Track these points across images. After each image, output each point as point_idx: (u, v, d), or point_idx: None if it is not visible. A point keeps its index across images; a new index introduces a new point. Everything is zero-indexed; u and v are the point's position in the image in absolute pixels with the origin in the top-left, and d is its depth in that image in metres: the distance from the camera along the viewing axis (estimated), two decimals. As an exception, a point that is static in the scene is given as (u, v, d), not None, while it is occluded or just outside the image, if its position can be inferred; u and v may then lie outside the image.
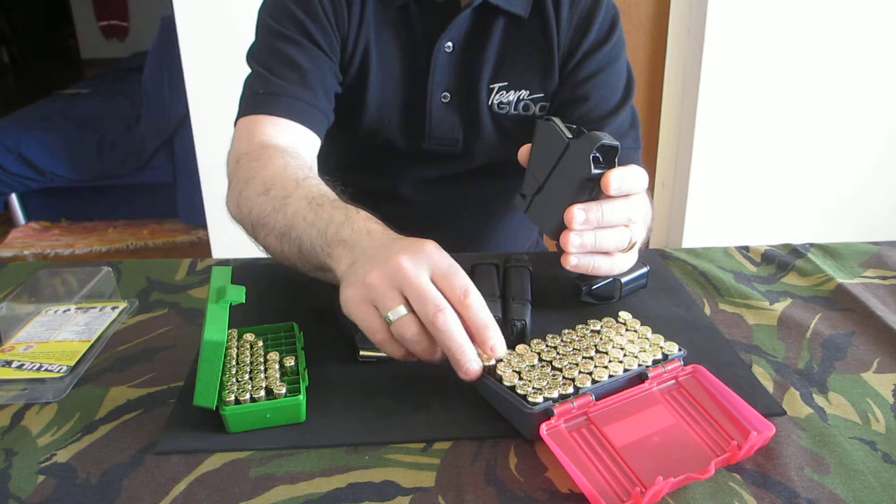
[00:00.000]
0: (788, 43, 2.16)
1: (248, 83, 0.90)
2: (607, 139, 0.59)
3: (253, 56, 0.93)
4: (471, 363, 0.57)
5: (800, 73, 2.20)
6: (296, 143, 0.85)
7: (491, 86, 0.95)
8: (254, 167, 0.77)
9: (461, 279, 0.56)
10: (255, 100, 0.87)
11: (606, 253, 0.64)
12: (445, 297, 0.56)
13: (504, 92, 0.95)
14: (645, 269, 0.80)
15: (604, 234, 0.61)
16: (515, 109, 0.96)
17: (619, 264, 0.65)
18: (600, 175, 0.59)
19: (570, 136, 0.60)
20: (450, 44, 0.94)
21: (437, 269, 0.57)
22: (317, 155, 1.08)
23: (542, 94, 0.96)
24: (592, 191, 0.59)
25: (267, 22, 0.93)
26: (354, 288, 0.58)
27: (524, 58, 0.95)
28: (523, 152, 0.66)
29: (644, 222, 0.67)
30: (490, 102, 0.96)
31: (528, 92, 0.96)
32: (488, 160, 1.00)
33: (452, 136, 0.98)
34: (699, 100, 2.22)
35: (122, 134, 2.93)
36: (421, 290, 0.55)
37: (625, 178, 0.59)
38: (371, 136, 0.99)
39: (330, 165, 1.12)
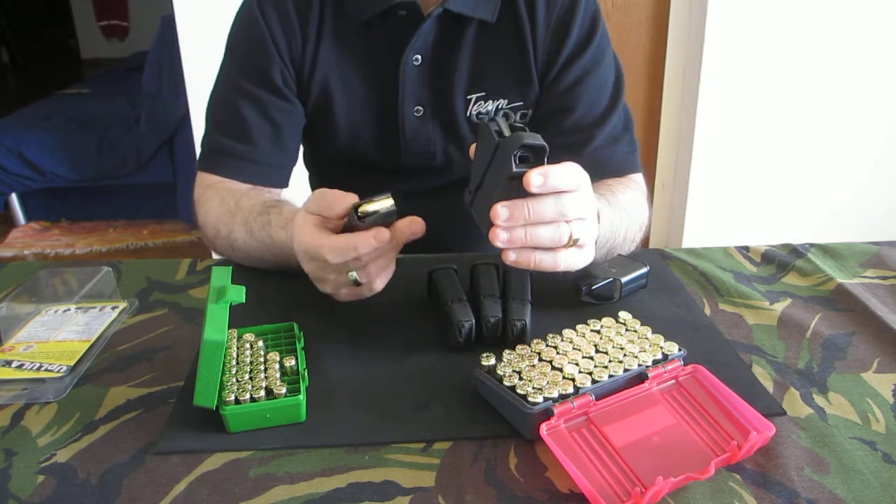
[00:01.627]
0: (788, 43, 2.16)
1: (205, 135, 0.97)
2: (530, 139, 0.59)
3: (212, 101, 0.97)
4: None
5: (800, 73, 2.20)
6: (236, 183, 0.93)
7: (468, 97, 0.93)
8: (202, 213, 0.91)
9: (321, 252, 0.65)
10: (208, 157, 0.94)
11: (549, 249, 0.64)
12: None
13: (482, 102, 0.93)
14: (645, 269, 0.80)
15: (536, 230, 0.61)
16: None
17: (566, 260, 0.63)
18: (523, 173, 0.59)
19: (502, 135, 0.61)
20: (418, 56, 0.92)
21: (311, 256, 0.67)
22: (306, 167, 1.09)
23: (521, 103, 0.94)
24: (520, 188, 0.60)
25: (227, 63, 0.96)
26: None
27: (499, 66, 0.92)
28: (472, 151, 0.66)
29: (592, 219, 0.66)
30: (468, 113, 0.94)
31: (506, 101, 0.93)
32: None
33: (429, 149, 0.96)
34: (699, 100, 2.21)
35: (122, 134, 2.93)
36: (323, 273, 0.68)
37: (549, 175, 0.59)
38: (347, 153, 0.98)
39: (317, 178, 1.12)
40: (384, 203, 0.64)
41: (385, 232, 0.64)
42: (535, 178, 0.59)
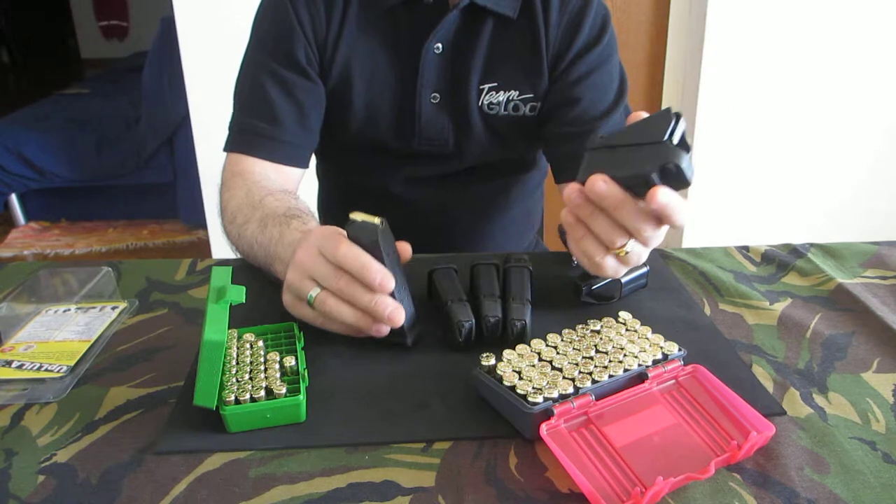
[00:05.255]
0: (788, 43, 2.16)
1: (232, 117, 0.98)
2: (687, 166, 0.56)
3: (238, 83, 0.98)
4: (385, 311, 0.65)
5: (800, 73, 2.20)
6: (266, 174, 0.93)
7: (481, 87, 0.96)
8: (225, 198, 0.91)
9: (339, 248, 0.64)
10: (235, 138, 0.96)
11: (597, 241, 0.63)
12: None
13: (493, 92, 0.96)
14: (645, 269, 0.80)
15: (601, 219, 0.61)
16: (505, 110, 0.96)
17: (604, 261, 0.63)
18: (653, 184, 0.56)
19: (671, 138, 0.57)
20: (439, 45, 0.94)
21: (323, 248, 0.65)
22: (315, 152, 1.09)
23: (531, 95, 0.96)
24: (636, 188, 0.58)
25: (252, 45, 0.97)
26: (285, 294, 0.70)
27: (513, 58, 0.95)
28: (637, 116, 0.62)
29: (648, 251, 0.66)
30: (480, 103, 0.96)
31: (517, 92, 0.96)
32: (480, 160, 1.01)
33: (442, 136, 0.99)
34: (699, 100, 2.21)
35: (122, 134, 2.93)
36: (320, 270, 0.65)
37: (669, 205, 0.56)
38: (361, 135, 0.99)
39: (327, 163, 1.13)
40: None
41: (391, 282, 0.65)
42: (662, 196, 0.56)
